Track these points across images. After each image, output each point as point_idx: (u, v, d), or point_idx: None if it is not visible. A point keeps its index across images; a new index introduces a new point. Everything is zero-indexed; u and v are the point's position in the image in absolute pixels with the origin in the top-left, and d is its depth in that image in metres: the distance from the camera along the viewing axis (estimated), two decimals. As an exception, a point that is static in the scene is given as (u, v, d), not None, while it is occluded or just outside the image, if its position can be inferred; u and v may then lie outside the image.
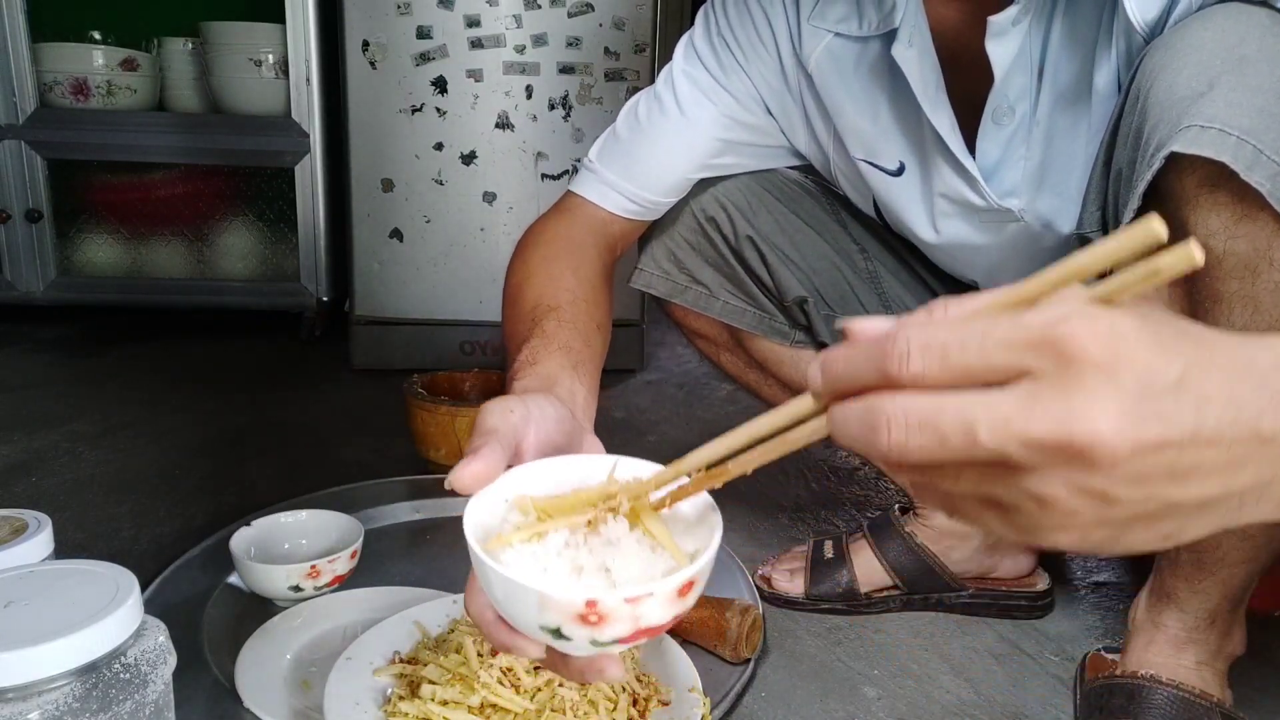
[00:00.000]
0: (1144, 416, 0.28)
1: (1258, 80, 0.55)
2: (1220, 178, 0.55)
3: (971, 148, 0.77)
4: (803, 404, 0.38)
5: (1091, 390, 0.28)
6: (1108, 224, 0.66)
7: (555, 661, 0.47)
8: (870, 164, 0.83)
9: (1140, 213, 0.61)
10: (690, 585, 0.42)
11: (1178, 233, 0.58)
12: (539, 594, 0.41)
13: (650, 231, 0.92)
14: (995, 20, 0.69)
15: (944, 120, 0.75)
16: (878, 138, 0.81)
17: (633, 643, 0.43)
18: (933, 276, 0.93)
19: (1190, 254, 0.28)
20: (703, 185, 0.90)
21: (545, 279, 0.76)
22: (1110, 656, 0.79)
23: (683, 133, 0.84)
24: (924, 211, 0.82)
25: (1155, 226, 0.28)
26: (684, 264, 0.91)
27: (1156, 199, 0.60)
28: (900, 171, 0.82)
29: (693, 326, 0.96)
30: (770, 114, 0.87)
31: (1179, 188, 0.58)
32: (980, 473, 0.31)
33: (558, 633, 0.42)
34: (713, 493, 0.47)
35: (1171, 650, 0.72)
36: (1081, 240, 0.69)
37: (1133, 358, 0.28)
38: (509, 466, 0.49)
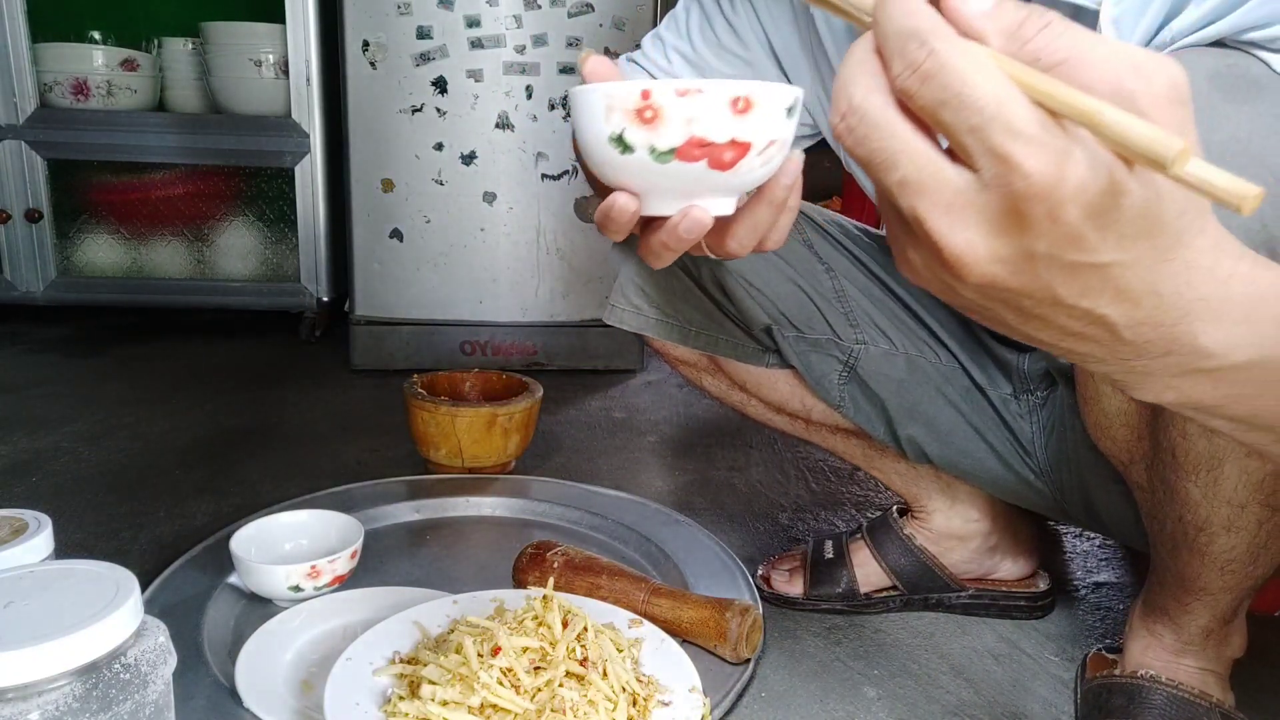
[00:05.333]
0: (1002, 262, 0.32)
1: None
2: None
3: None
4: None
5: (991, 222, 0.31)
6: None
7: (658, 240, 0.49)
8: None
9: None
10: (746, 102, 0.44)
11: None
12: (601, 91, 0.44)
13: (619, 268, 0.92)
14: None
15: None
16: None
17: (690, 159, 0.44)
18: (903, 290, 0.91)
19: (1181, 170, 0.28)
20: None
21: None
22: (1112, 656, 0.79)
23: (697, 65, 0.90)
24: None
25: (1170, 151, 0.28)
26: (653, 298, 0.91)
27: None
28: None
29: (672, 354, 0.96)
30: (779, 63, 0.89)
31: None
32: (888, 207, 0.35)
33: (622, 142, 0.44)
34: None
35: (1169, 656, 0.72)
36: None
37: (1046, 221, 0.31)
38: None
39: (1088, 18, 0.64)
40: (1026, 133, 0.29)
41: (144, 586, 0.81)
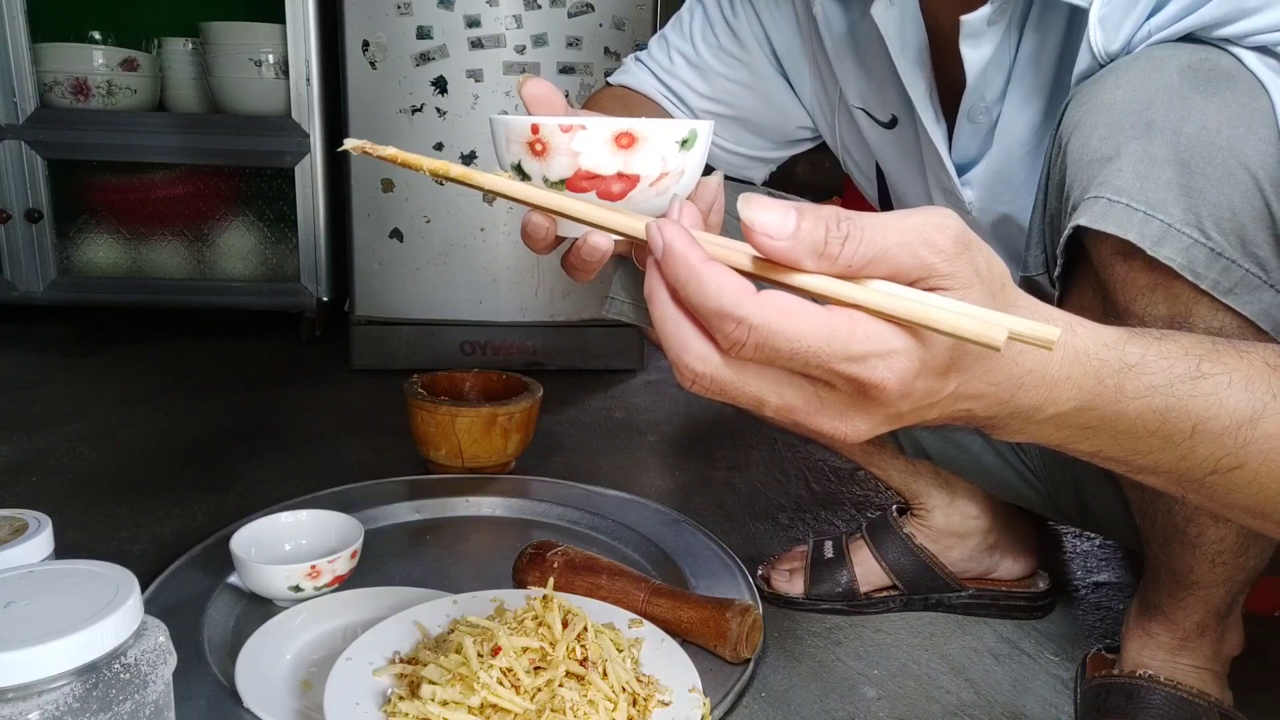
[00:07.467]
0: (878, 425, 0.39)
1: (1164, 150, 0.55)
2: (1133, 248, 0.56)
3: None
4: (635, 227, 0.40)
5: (859, 409, 0.38)
6: (1051, 267, 0.66)
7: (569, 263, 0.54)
8: (866, 112, 0.84)
9: (1067, 267, 0.63)
10: (630, 137, 0.45)
11: (1104, 290, 0.61)
12: (502, 122, 0.47)
13: (617, 262, 0.92)
14: (968, 20, 0.68)
15: (919, 88, 0.75)
16: (871, 89, 0.82)
17: (579, 189, 0.46)
18: None
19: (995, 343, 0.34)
20: None
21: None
22: (1111, 655, 0.79)
23: (698, 68, 0.91)
24: (918, 169, 0.83)
25: (999, 339, 0.34)
26: None
27: (1082, 251, 0.61)
28: (893, 124, 0.83)
29: None
30: (779, 66, 0.89)
31: (1095, 253, 0.60)
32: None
33: (520, 170, 0.47)
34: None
35: (1166, 655, 0.72)
36: (1027, 282, 0.69)
37: (901, 399, 0.37)
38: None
39: (1079, 16, 0.65)
40: (861, 352, 0.35)
41: (144, 586, 0.81)
